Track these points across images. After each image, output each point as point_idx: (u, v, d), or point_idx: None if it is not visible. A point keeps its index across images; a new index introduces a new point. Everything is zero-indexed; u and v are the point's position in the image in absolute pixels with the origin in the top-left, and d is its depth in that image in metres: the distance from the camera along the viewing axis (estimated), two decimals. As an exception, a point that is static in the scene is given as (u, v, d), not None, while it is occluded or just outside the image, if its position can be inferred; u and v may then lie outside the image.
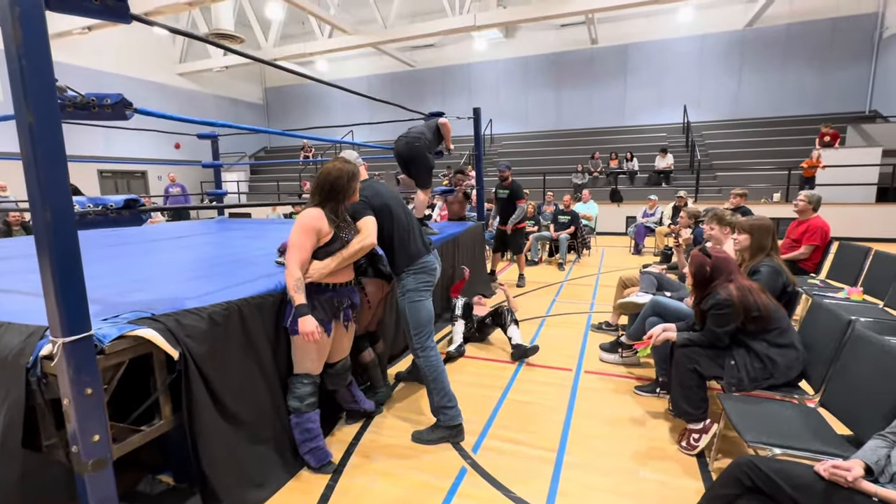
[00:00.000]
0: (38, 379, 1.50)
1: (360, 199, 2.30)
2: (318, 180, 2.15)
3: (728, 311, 2.15)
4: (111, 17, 1.69)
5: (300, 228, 2.05)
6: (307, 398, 2.17)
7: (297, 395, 2.17)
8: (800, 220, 4.56)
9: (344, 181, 2.13)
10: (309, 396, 2.18)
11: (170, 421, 1.78)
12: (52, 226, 1.35)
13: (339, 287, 2.19)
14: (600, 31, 14.33)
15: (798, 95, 13.19)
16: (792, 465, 1.35)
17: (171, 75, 15.12)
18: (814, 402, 2.02)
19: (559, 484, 2.09)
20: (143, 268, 2.92)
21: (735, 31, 13.57)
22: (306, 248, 2.05)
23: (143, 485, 2.10)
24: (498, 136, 15.90)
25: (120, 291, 2.14)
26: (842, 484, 1.24)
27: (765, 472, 1.32)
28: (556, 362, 3.47)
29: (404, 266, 2.44)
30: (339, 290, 2.20)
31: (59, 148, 1.36)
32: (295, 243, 2.05)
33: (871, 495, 1.20)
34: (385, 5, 12.92)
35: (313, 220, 2.07)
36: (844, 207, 9.20)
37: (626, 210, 10.97)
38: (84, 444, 1.45)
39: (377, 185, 2.50)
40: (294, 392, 2.18)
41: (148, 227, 5.89)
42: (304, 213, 2.09)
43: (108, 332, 1.54)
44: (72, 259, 1.40)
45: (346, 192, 2.16)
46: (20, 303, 1.98)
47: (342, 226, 2.16)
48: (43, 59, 1.33)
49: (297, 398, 2.17)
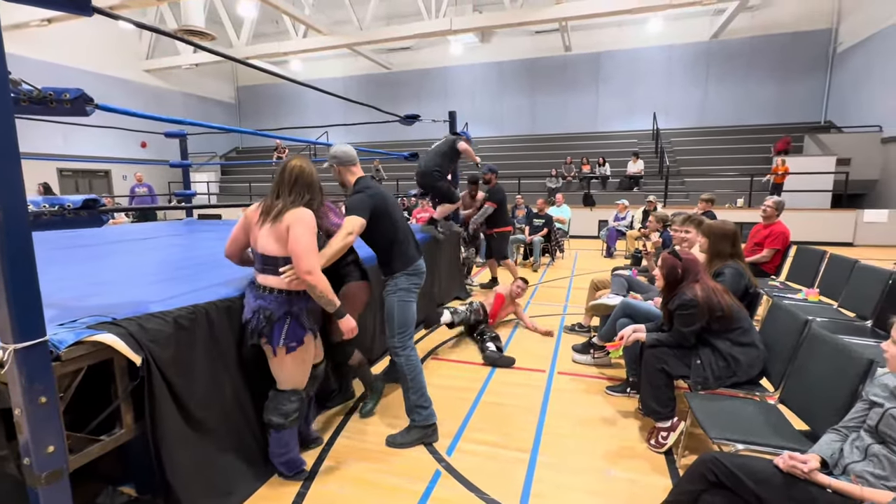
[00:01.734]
0: (-14, 388, 1.42)
1: (366, 196, 2.29)
2: (301, 179, 1.98)
3: (693, 310, 2.22)
4: (72, 10, 1.62)
5: (310, 230, 1.89)
6: (293, 414, 2.05)
7: (283, 412, 2.04)
8: (763, 225, 4.77)
9: (318, 181, 2.06)
10: (295, 412, 2.06)
11: (131, 430, 1.71)
12: (3, 225, 1.28)
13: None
14: (573, 38, 14.63)
15: (760, 105, 13.78)
16: (753, 460, 1.40)
17: (137, 72, 14.63)
18: (774, 398, 2.11)
19: (532, 485, 2.11)
20: (104, 271, 2.81)
21: (701, 43, 14.09)
22: (317, 249, 1.95)
23: (104, 497, 2.00)
24: (473, 140, 15.97)
25: (78, 295, 2.05)
26: (798, 476, 1.29)
27: (728, 467, 1.37)
28: (530, 364, 3.50)
29: (401, 269, 2.44)
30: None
31: (12, 143, 1.29)
32: (311, 246, 1.88)
33: (825, 486, 1.26)
34: (361, 7, 12.85)
35: (313, 219, 1.94)
36: (802, 213, 9.64)
37: (598, 214, 11.21)
38: (37, 455, 1.38)
39: (380, 187, 2.50)
40: (280, 409, 2.04)
41: (110, 228, 5.65)
42: (303, 215, 1.90)
43: (65, 337, 1.48)
44: (24, 261, 1.33)
45: (322, 193, 2.09)
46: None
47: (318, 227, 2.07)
48: (-6, 50, 1.26)
49: (283, 415, 2.04)
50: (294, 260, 1.87)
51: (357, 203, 2.27)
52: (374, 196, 2.34)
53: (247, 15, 13.20)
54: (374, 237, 2.40)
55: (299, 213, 1.90)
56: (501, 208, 5.75)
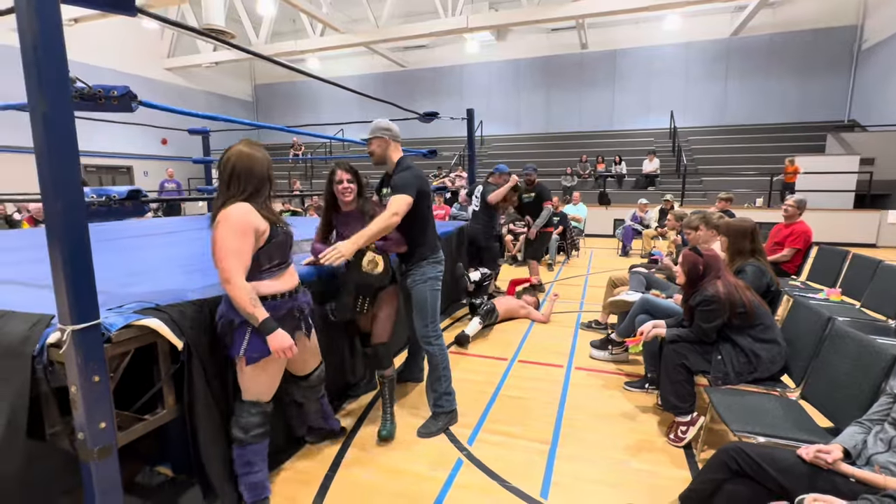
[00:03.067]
0: (43, 367, 1.51)
1: (412, 175, 2.28)
2: (237, 169, 1.73)
3: (715, 306, 2.24)
4: (118, 10, 1.71)
5: (233, 231, 1.66)
6: (253, 429, 1.87)
7: (242, 426, 1.86)
8: (784, 224, 4.73)
9: (266, 168, 1.79)
10: (256, 427, 1.87)
11: (173, 410, 1.80)
12: (63, 216, 1.36)
13: (295, 294, 1.90)
14: (590, 36, 14.54)
15: (781, 103, 13.55)
16: (776, 451, 1.43)
17: (159, 70, 14.94)
18: (795, 395, 2.12)
19: (553, 474, 2.16)
20: (140, 261, 2.92)
21: (721, 40, 13.89)
22: (246, 252, 1.69)
23: (142, 476, 2.10)
24: (488, 138, 16.02)
25: (120, 284, 2.15)
26: (822, 466, 1.32)
27: (751, 456, 1.40)
28: (548, 359, 3.54)
29: (429, 254, 2.44)
30: (295, 298, 1.90)
31: (72, 137, 1.38)
32: (231, 249, 1.65)
33: (849, 476, 1.28)
34: (377, 5, 12.94)
35: (245, 216, 1.69)
36: (824, 213, 9.48)
37: (613, 212, 11.14)
38: (91, 431, 1.46)
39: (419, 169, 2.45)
40: (238, 421, 1.86)
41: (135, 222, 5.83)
42: (230, 213, 1.69)
43: (115, 321, 1.56)
44: (83, 249, 1.41)
45: (272, 182, 1.84)
46: (18, 293, 1.98)
47: (277, 220, 1.82)
48: (57, 49, 1.34)
49: (241, 428, 1.86)
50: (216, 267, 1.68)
51: (406, 181, 2.25)
52: (420, 176, 2.33)
53: (265, 13, 13.38)
54: (412, 219, 2.32)
55: (226, 211, 1.69)
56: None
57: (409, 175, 2.30)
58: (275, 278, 1.83)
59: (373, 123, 2.44)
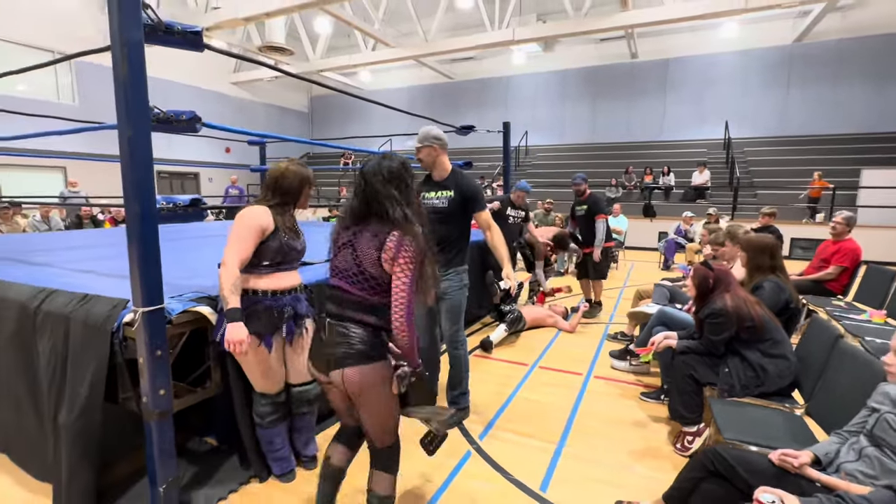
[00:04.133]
0: (119, 342, 1.84)
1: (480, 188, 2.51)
2: (271, 182, 2.00)
3: (723, 319, 2.29)
4: (190, 47, 2.05)
5: (243, 225, 1.88)
6: (267, 416, 2.08)
7: (258, 413, 2.09)
8: (832, 241, 4.55)
9: (297, 184, 2.02)
10: (269, 415, 2.08)
11: (218, 386, 2.11)
12: (139, 219, 1.69)
13: (278, 295, 1.97)
14: (641, 45, 14.28)
15: (848, 113, 12.68)
16: (750, 454, 1.51)
17: (226, 84, 16.17)
18: (801, 410, 2.13)
19: (555, 471, 2.28)
20: (198, 259, 3.32)
21: (783, 46, 13.23)
22: (249, 244, 1.87)
23: (192, 443, 2.43)
24: (533, 148, 16.05)
25: (180, 276, 2.51)
26: (789, 470, 1.39)
27: (725, 458, 1.49)
28: (568, 367, 3.63)
29: (461, 263, 2.61)
30: (278, 299, 1.97)
31: (149, 155, 1.71)
32: (237, 236, 1.86)
33: (814, 480, 1.35)
34: (427, 20, 13.40)
35: (257, 216, 1.91)
36: (887, 231, 8.78)
37: (658, 225, 10.88)
38: (153, 396, 1.78)
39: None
40: (255, 408, 2.10)
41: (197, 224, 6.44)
42: (247, 210, 1.93)
43: (175, 306, 1.88)
44: (153, 246, 1.74)
45: (297, 197, 2.05)
46: (101, 281, 2.37)
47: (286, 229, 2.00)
48: (141, 85, 1.68)
49: (258, 415, 2.09)
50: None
51: (482, 194, 2.52)
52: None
53: (322, 31, 14.22)
54: (464, 227, 2.59)
55: (243, 210, 1.93)
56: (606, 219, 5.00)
57: (479, 188, 2.54)
58: (263, 276, 1.95)
59: (422, 131, 2.52)
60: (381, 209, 1.49)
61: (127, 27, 1.64)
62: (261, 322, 1.92)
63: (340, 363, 1.47)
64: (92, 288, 2.13)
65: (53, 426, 1.93)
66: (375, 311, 1.50)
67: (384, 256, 1.46)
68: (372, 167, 1.55)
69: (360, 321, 1.49)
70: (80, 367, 1.88)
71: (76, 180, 9.87)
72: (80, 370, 1.88)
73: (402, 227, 1.47)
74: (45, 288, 2.15)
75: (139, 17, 1.68)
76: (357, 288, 1.50)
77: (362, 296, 1.49)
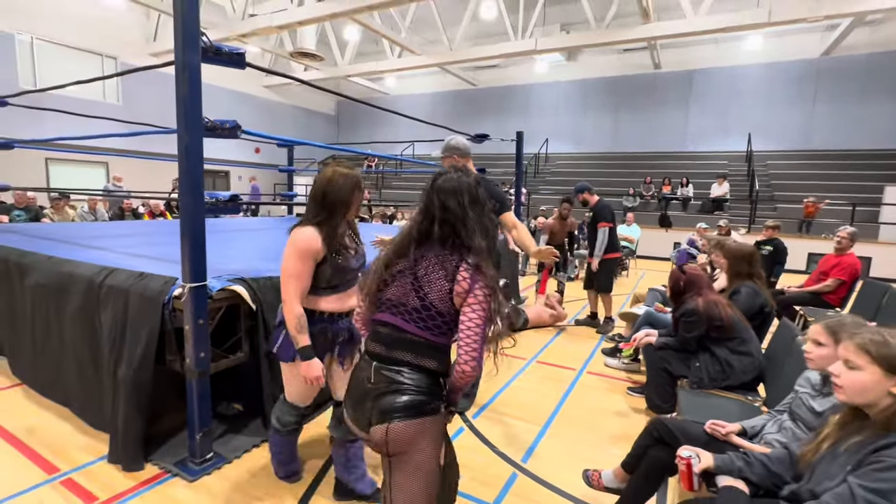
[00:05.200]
0: (169, 312, 2.21)
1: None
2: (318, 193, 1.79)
3: (695, 318, 2.53)
4: (235, 66, 2.43)
5: (296, 254, 1.73)
6: (288, 426, 2.02)
7: (279, 419, 2.03)
8: (834, 255, 4.69)
9: (346, 193, 1.80)
10: (290, 425, 2.03)
11: (247, 355, 2.46)
12: (192, 210, 2.06)
13: (335, 317, 1.87)
14: (664, 56, 14.36)
15: (875, 128, 12.49)
16: (688, 424, 1.77)
17: (259, 88, 16.92)
18: (759, 402, 2.35)
19: (536, 447, 2.56)
20: (232, 247, 3.72)
21: (809, 60, 13.12)
22: (305, 275, 1.76)
23: (222, 407, 2.80)
24: (553, 156, 16.24)
25: (219, 261, 2.88)
26: (717, 437, 1.65)
27: (668, 427, 1.75)
28: (564, 363, 3.88)
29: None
30: (335, 321, 1.88)
31: (201, 158, 2.09)
32: (292, 273, 1.72)
33: (738, 446, 1.61)
34: (452, 28, 13.78)
35: (307, 242, 1.74)
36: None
37: (674, 235, 10.95)
38: (195, 358, 2.14)
39: None
40: (276, 413, 2.03)
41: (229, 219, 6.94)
42: (296, 236, 1.77)
43: (215, 284, 2.24)
44: (199, 233, 2.11)
45: (349, 206, 1.83)
46: (151, 263, 2.76)
47: (341, 248, 1.83)
48: (198, 100, 2.06)
49: (278, 420, 2.03)
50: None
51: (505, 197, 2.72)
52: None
53: (351, 38, 14.77)
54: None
55: (294, 234, 1.78)
56: (612, 229, 4.79)
57: (501, 191, 2.76)
58: (321, 297, 1.84)
59: (445, 143, 2.76)
60: (452, 233, 1.28)
61: (188, 51, 2.01)
62: (314, 343, 1.81)
63: (386, 416, 1.20)
64: (145, 268, 2.52)
65: (113, 381, 2.30)
66: (437, 353, 1.27)
67: (456, 289, 1.24)
68: (450, 185, 1.32)
69: (418, 366, 1.24)
70: (136, 332, 2.26)
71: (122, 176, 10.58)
72: (136, 334, 2.25)
73: (481, 258, 1.26)
74: (107, 266, 2.55)
75: (198, 44, 2.06)
76: (417, 326, 1.25)
77: (423, 336, 1.25)
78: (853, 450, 1.11)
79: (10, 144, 4.62)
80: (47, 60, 11.22)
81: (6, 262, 3.17)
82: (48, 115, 8.85)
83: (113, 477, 2.18)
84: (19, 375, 3.16)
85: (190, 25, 2.01)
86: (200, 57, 2.07)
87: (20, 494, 2.04)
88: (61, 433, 2.55)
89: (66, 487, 2.10)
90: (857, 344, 1.13)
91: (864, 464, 1.05)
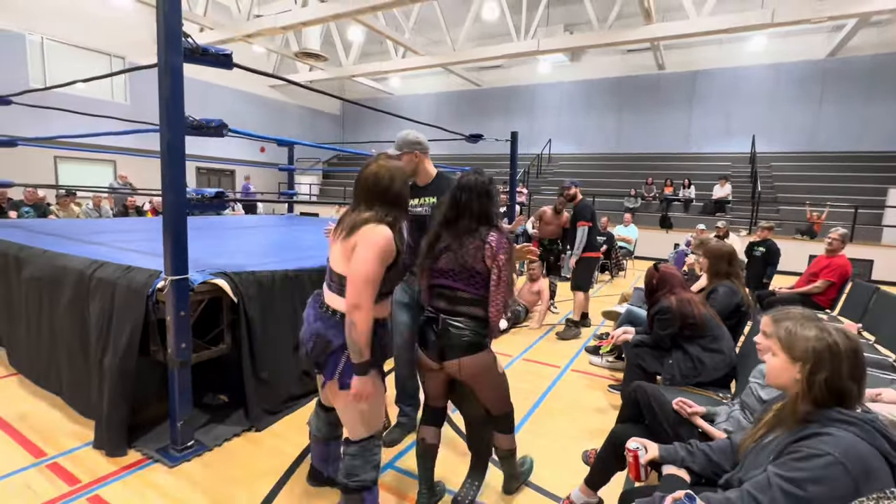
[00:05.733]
0: (153, 304, 2.30)
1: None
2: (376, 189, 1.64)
3: (668, 316, 2.56)
4: (222, 66, 2.51)
5: (376, 255, 1.53)
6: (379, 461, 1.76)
7: (374, 464, 1.72)
8: (826, 256, 4.69)
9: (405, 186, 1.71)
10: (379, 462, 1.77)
11: (229, 347, 2.54)
12: (173, 205, 2.14)
13: (381, 321, 1.68)
14: (668, 57, 14.31)
15: (880, 130, 12.37)
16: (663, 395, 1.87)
17: (264, 87, 17.09)
18: (728, 398, 2.38)
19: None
20: (221, 244, 3.81)
21: (815, 61, 13.03)
22: (380, 280, 1.57)
23: (207, 398, 2.88)
24: (556, 156, 16.25)
25: (204, 255, 2.97)
26: (683, 414, 1.78)
27: (647, 392, 1.87)
28: (549, 360, 3.93)
29: None
30: (385, 325, 1.74)
31: (182, 155, 2.17)
32: (368, 276, 1.52)
33: (697, 427, 1.72)
34: (455, 29, 13.85)
35: (390, 244, 1.57)
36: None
37: (674, 237, 10.93)
38: (176, 348, 2.22)
39: None
40: (369, 460, 1.71)
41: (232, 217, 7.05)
42: (375, 236, 1.55)
43: (197, 277, 2.32)
44: (181, 228, 2.19)
45: (407, 203, 1.76)
46: (141, 258, 2.85)
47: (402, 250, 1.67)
48: (180, 100, 2.14)
49: (374, 467, 1.73)
50: (347, 285, 1.55)
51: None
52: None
53: (355, 39, 14.89)
54: None
55: (372, 232, 1.55)
56: (592, 229, 4.71)
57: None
58: (377, 304, 1.61)
59: (399, 137, 2.32)
60: (474, 215, 1.74)
61: (170, 53, 2.09)
62: (375, 354, 1.61)
63: (457, 353, 1.73)
64: (133, 262, 2.61)
65: (99, 369, 2.39)
66: (482, 303, 1.73)
67: (487, 254, 1.69)
68: (471, 183, 1.77)
69: (472, 315, 1.73)
70: (122, 322, 2.34)
71: (126, 174, 10.77)
72: (121, 325, 2.34)
73: (499, 229, 1.75)
74: (97, 260, 2.64)
75: (180, 45, 2.14)
76: (464, 283, 1.73)
77: (471, 290, 1.73)
78: (780, 439, 1.15)
79: (13, 142, 4.75)
80: (57, 60, 11.44)
81: (6, 256, 3.28)
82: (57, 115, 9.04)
83: (97, 462, 2.27)
84: (15, 366, 3.27)
85: (172, 26, 2.09)
86: (183, 57, 2.15)
87: (7, 476, 2.13)
88: (51, 420, 2.65)
89: (52, 471, 2.19)
90: (774, 331, 1.19)
91: (783, 453, 1.09)
